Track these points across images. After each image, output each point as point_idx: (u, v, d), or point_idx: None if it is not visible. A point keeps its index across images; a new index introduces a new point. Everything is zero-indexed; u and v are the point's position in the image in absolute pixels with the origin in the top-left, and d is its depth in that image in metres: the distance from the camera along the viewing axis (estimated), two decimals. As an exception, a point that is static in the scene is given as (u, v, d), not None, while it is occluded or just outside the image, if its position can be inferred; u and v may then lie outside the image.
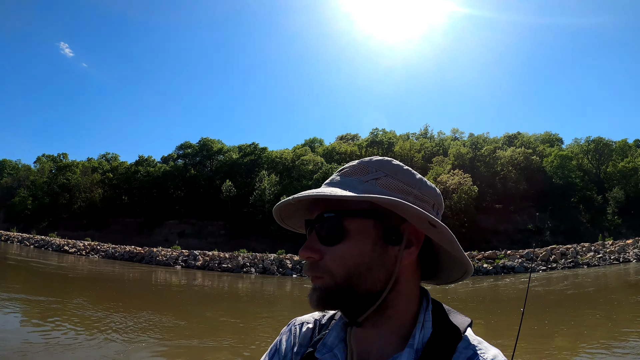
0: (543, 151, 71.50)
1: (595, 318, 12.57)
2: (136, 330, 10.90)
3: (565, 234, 56.63)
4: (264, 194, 61.79)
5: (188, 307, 16.06)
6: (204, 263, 34.01)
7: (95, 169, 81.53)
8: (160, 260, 35.97)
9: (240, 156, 76.90)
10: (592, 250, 31.54)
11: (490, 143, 76.60)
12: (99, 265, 32.91)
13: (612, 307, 14.06)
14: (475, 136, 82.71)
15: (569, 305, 14.77)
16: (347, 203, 0.84)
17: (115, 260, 38.54)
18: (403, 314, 0.87)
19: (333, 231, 0.84)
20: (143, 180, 75.86)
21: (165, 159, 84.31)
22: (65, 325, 10.92)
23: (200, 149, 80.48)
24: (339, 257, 0.83)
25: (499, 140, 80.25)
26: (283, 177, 67.87)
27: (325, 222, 0.85)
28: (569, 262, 28.54)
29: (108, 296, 17.35)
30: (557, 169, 64.70)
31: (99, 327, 10.90)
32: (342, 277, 0.83)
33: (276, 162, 72.04)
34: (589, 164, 70.76)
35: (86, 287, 20.36)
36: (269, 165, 71.61)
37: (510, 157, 66.93)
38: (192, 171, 76.88)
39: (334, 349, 0.90)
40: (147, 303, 16.17)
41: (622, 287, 19.41)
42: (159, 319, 12.43)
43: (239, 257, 34.96)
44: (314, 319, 1.04)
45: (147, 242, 58.76)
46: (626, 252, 30.23)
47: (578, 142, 79.35)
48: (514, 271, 27.63)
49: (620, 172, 65.77)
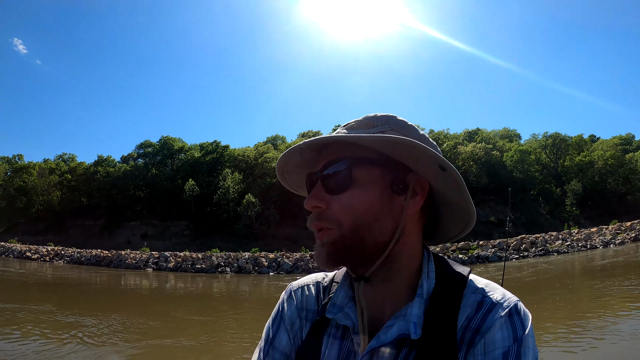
0: (503, 146, 73.44)
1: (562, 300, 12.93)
2: (109, 333, 10.44)
3: (526, 226, 58.35)
4: (228, 192, 60.95)
5: (160, 309, 15.40)
6: (177, 264, 32.66)
7: (52, 170, 78.47)
8: (129, 263, 34.36)
9: (202, 154, 75.86)
10: (560, 238, 32.76)
11: (451, 139, 78.16)
12: (64, 270, 31.33)
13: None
14: (436, 132, 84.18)
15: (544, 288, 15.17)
16: (355, 151, 0.84)
17: (82, 265, 36.61)
18: (409, 266, 0.87)
19: (342, 179, 0.83)
20: (103, 181, 73.49)
21: (125, 158, 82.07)
22: (35, 332, 10.43)
23: (161, 147, 79.05)
24: (347, 205, 0.82)
25: (459, 136, 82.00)
26: (246, 175, 67.27)
27: (333, 170, 0.84)
28: (539, 250, 29.53)
29: (77, 301, 16.52)
30: (517, 163, 66.56)
31: (70, 332, 10.39)
32: (350, 227, 0.82)
33: (239, 160, 71.54)
34: (547, 158, 72.97)
35: (54, 293, 19.19)
36: (231, 163, 71.02)
37: (471, 152, 68.36)
38: (154, 171, 75.11)
39: (344, 308, 0.89)
40: (119, 306, 15.40)
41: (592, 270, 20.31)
42: (131, 322, 11.92)
43: (212, 256, 34.02)
44: (315, 281, 1.02)
45: (109, 245, 57.08)
46: (592, 240, 31.61)
47: (536, 138, 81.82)
48: (488, 260, 28.37)
49: (578, 166, 68.17)
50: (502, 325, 0.78)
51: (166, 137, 79.57)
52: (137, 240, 61.73)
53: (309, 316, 0.96)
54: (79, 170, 77.37)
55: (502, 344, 0.76)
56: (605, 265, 21.13)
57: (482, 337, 0.78)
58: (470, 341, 0.78)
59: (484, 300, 0.82)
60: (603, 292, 13.40)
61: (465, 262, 28.34)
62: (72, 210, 71.45)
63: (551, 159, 72.96)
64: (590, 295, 13.58)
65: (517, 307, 0.80)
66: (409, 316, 0.81)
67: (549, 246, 30.30)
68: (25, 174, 74.88)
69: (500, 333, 0.77)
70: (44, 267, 33.80)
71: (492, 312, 0.80)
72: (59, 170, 78.90)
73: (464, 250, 30.41)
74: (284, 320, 0.98)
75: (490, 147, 70.22)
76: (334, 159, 0.85)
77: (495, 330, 0.77)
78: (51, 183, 74.15)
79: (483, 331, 0.78)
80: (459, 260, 28.54)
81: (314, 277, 1.04)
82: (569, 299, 13.00)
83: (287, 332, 0.96)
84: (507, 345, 0.76)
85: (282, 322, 0.98)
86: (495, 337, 0.77)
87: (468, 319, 0.81)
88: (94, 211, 70.97)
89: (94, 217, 69.71)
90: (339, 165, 0.84)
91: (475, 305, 0.82)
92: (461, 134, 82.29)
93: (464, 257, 28.94)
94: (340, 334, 0.88)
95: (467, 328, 0.80)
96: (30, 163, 78.68)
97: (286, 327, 0.96)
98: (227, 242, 56.25)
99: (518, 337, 0.77)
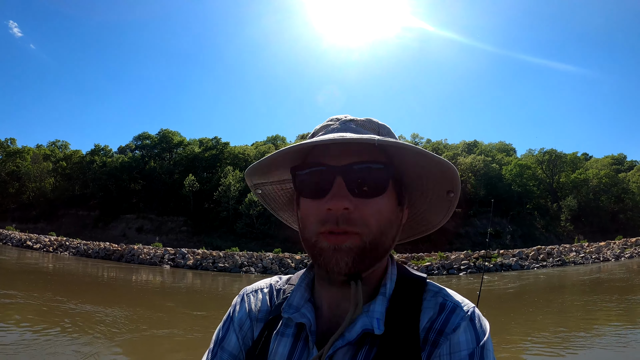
0: (501, 159, 74.29)
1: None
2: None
3: (523, 238, 59.36)
4: (229, 189, 60.17)
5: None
6: (196, 262, 31.74)
7: (47, 156, 76.35)
8: (144, 259, 32.90)
9: (202, 150, 74.65)
10: (574, 250, 34.57)
11: (450, 149, 78.77)
12: (75, 263, 29.87)
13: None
14: (435, 142, 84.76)
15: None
16: (382, 156, 0.85)
17: (89, 258, 34.81)
18: (381, 268, 0.91)
19: (377, 183, 0.83)
20: (99, 170, 71.57)
21: (122, 149, 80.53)
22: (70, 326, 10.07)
23: (160, 140, 77.53)
24: (376, 211, 0.82)
25: (457, 146, 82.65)
26: (247, 173, 66.26)
27: (368, 172, 0.82)
28: (556, 260, 31.02)
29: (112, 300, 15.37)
30: (515, 176, 67.32)
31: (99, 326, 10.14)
32: (375, 234, 0.82)
33: (239, 158, 70.61)
34: (543, 173, 73.98)
35: (96, 293, 18.40)
36: (231, 160, 70.04)
37: (471, 164, 68.90)
38: (152, 163, 73.59)
39: (301, 309, 0.90)
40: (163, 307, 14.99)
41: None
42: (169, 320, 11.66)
43: (234, 255, 32.94)
44: (268, 284, 1.04)
45: (103, 236, 56.11)
46: (603, 253, 33.50)
47: (532, 153, 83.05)
48: (512, 268, 29.58)
49: (573, 183, 69.26)
50: (465, 328, 0.81)
51: (165, 130, 78.14)
52: (132, 233, 60.72)
53: (260, 316, 0.97)
54: (74, 159, 75.49)
55: (467, 345, 0.79)
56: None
57: (446, 339, 0.80)
58: (434, 342, 0.81)
59: (446, 303, 0.85)
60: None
61: (491, 269, 29.51)
62: (65, 198, 69.77)
63: (547, 174, 74.04)
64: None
65: (475, 312, 0.84)
66: (372, 312, 0.83)
67: (564, 257, 31.67)
68: (18, 159, 72.65)
69: (465, 335, 0.80)
70: (49, 259, 32.13)
71: (454, 314, 0.83)
72: (54, 157, 76.62)
73: (487, 258, 31.30)
74: (233, 322, 0.99)
75: (490, 159, 70.88)
76: (369, 160, 0.83)
77: (460, 332, 0.80)
78: (45, 170, 72.08)
79: (447, 332, 0.81)
80: (484, 267, 29.51)
81: (268, 280, 1.05)
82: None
83: (236, 334, 0.97)
84: (472, 347, 0.79)
85: (231, 323, 0.99)
86: (460, 338, 0.79)
87: (431, 320, 0.83)
88: (88, 201, 69.35)
89: (88, 208, 68.19)
90: (377, 169, 0.83)
91: (438, 307, 0.85)
92: (459, 144, 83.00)
93: (489, 265, 29.96)
94: (292, 333, 0.89)
95: (431, 329, 0.82)
96: (25, 148, 76.22)
97: (235, 329, 0.98)
98: (226, 240, 55.64)
99: (481, 340, 0.80)
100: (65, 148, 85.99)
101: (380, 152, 0.85)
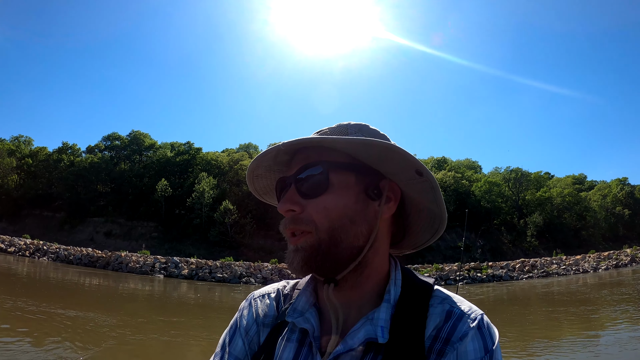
0: (471, 176, 76.63)
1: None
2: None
3: (491, 252, 61.36)
4: (203, 196, 59.24)
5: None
6: (191, 272, 30.98)
7: (12, 152, 71.74)
8: (133, 267, 31.65)
9: (174, 154, 73.20)
10: (554, 262, 37.54)
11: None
12: (59, 270, 28.21)
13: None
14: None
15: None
16: (330, 156, 0.86)
17: (70, 264, 33.02)
18: (378, 273, 0.89)
19: (317, 183, 0.85)
20: (66, 170, 68.53)
21: (91, 149, 77.34)
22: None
23: (130, 142, 75.61)
24: (323, 208, 0.84)
25: (427, 162, 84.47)
26: (220, 181, 65.57)
27: (308, 174, 0.86)
28: (541, 272, 33.67)
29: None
30: (485, 193, 69.49)
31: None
32: (326, 231, 0.83)
33: (212, 165, 69.62)
34: (509, 191, 76.55)
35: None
36: (203, 167, 68.91)
37: (441, 180, 70.53)
38: (123, 165, 71.64)
39: (305, 314, 0.90)
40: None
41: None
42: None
43: (231, 265, 32.41)
44: (276, 289, 1.04)
45: (69, 240, 54.28)
46: (581, 265, 36.62)
47: (498, 170, 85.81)
48: (502, 279, 31.83)
49: (538, 200, 72.19)
50: (473, 336, 0.79)
51: (137, 131, 76.23)
52: (100, 238, 59.09)
53: (266, 321, 0.98)
54: (40, 156, 71.70)
55: (475, 355, 0.77)
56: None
57: (453, 347, 0.79)
58: (440, 351, 0.79)
59: (453, 310, 0.83)
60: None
61: (484, 279, 31.45)
62: (30, 198, 66.43)
63: (513, 192, 76.62)
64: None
65: (484, 319, 0.82)
66: (376, 320, 0.82)
67: (547, 269, 34.43)
68: (-22, 153, 68.07)
69: (472, 344, 0.78)
70: (33, 265, 30.23)
71: (461, 322, 0.81)
72: (19, 153, 72.32)
73: (477, 270, 33.38)
74: (239, 327, 0.99)
75: (460, 176, 72.88)
76: (309, 163, 0.87)
77: (468, 341, 0.78)
78: (8, 166, 67.93)
79: (454, 341, 0.79)
80: (478, 278, 31.38)
81: (276, 285, 1.06)
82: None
83: (242, 338, 0.97)
84: (480, 356, 0.77)
85: (237, 328, 0.99)
86: (467, 347, 0.78)
87: (437, 328, 0.82)
88: (54, 202, 66.46)
89: (53, 209, 65.43)
90: (315, 169, 0.85)
91: (444, 314, 0.83)
92: (429, 160, 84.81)
93: (483, 275, 31.96)
94: (296, 338, 0.89)
95: (437, 338, 0.81)
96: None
97: (241, 333, 0.98)
98: (199, 248, 54.95)
99: (489, 349, 0.78)
100: (28, 144, 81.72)
101: (336, 152, 0.86)
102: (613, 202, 75.28)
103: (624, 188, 78.33)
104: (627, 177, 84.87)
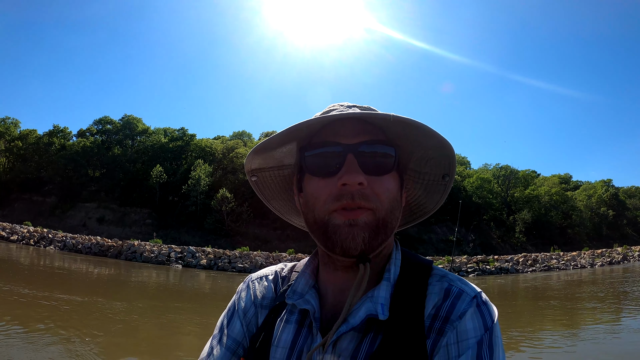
0: (462, 172, 77.69)
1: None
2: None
3: (481, 247, 62.64)
4: (199, 183, 58.67)
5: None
6: (209, 262, 30.31)
7: (1, 134, 69.79)
8: (148, 257, 30.46)
9: (168, 140, 72.21)
10: (554, 258, 39.44)
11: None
12: (77, 261, 26.74)
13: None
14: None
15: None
16: (384, 137, 0.88)
17: (79, 254, 31.33)
18: (385, 252, 0.91)
19: (385, 163, 0.85)
20: (57, 154, 66.99)
21: (82, 132, 75.43)
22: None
23: (123, 126, 74.23)
24: (386, 189, 0.84)
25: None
26: (215, 168, 65.01)
27: (381, 151, 0.86)
28: (542, 266, 35.33)
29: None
30: (476, 189, 70.72)
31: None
32: (387, 210, 0.83)
33: (206, 152, 68.83)
34: (499, 187, 77.93)
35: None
36: (197, 154, 68.07)
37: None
38: (116, 150, 70.22)
39: (305, 295, 0.91)
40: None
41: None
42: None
43: (250, 254, 31.89)
44: (274, 271, 1.06)
45: (60, 225, 53.33)
46: (578, 261, 38.61)
47: (487, 167, 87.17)
48: (509, 272, 33.56)
49: (526, 197, 73.82)
50: (472, 314, 0.80)
51: (129, 116, 74.91)
52: (93, 224, 58.15)
53: (264, 303, 0.99)
54: (30, 139, 69.65)
55: (475, 333, 0.78)
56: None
57: (452, 326, 0.79)
58: (439, 330, 0.80)
59: (451, 288, 0.84)
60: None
61: (492, 272, 33.00)
62: (19, 182, 64.66)
63: (502, 188, 78.02)
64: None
65: (482, 296, 0.83)
66: (376, 298, 0.83)
67: (548, 263, 36.14)
68: (-34, 135, 65.61)
69: (472, 322, 0.79)
70: (39, 254, 28.44)
71: (459, 300, 0.82)
72: (8, 136, 70.06)
73: (485, 262, 34.97)
74: (237, 309, 1.01)
75: (451, 171, 74.10)
76: (379, 140, 0.87)
77: (467, 319, 0.79)
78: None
79: (453, 319, 0.80)
80: (487, 270, 32.99)
81: (273, 267, 1.08)
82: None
83: (240, 320, 0.99)
84: (480, 334, 0.78)
85: (235, 310, 1.01)
86: (467, 326, 0.78)
87: (436, 306, 0.82)
88: (44, 186, 64.96)
89: (44, 193, 63.99)
90: (387, 148, 0.86)
91: (443, 292, 0.84)
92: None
93: (491, 267, 33.61)
94: (296, 319, 0.91)
95: (436, 316, 0.81)
96: (-28, 122, 69.69)
97: (239, 315, 1.00)
98: (194, 236, 54.55)
99: (488, 327, 0.79)
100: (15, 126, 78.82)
101: (384, 134, 0.88)
102: (598, 202, 77.47)
103: (608, 189, 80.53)
104: (612, 179, 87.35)
